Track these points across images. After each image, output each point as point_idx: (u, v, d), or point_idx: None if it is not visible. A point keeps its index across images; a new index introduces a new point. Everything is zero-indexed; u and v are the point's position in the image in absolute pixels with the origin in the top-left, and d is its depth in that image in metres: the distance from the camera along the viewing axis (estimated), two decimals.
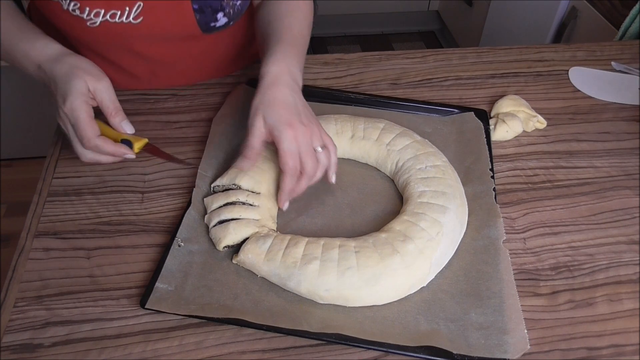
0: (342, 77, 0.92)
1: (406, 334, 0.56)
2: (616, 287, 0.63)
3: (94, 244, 0.65)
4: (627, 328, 0.59)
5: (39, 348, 0.55)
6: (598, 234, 0.68)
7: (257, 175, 0.67)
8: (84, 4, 0.69)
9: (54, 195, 0.70)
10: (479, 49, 0.99)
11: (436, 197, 0.66)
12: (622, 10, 1.37)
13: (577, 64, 0.96)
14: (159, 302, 0.57)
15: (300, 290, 0.58)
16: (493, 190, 0.70)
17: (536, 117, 0.82)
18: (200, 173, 0.70)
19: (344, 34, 2.70)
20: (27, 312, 0.58)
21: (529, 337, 0.56)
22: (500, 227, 0.66)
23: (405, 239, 0.61)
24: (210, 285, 0.60)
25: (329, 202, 0.70)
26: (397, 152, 0.72)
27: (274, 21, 0.75)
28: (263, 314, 0.57)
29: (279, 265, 0.59)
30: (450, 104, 0.85)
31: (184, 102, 0.85)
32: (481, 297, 0.59)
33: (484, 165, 0.73)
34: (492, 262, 0.62)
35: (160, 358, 0.55)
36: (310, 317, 0.57)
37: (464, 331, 0.57)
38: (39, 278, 0.61)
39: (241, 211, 0.64)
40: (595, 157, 0.79)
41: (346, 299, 0.58)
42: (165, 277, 0.59)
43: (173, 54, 0.82)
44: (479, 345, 0.55)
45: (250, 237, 0.62)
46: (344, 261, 0.59)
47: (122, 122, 0.67)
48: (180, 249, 0.62)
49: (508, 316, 0.57)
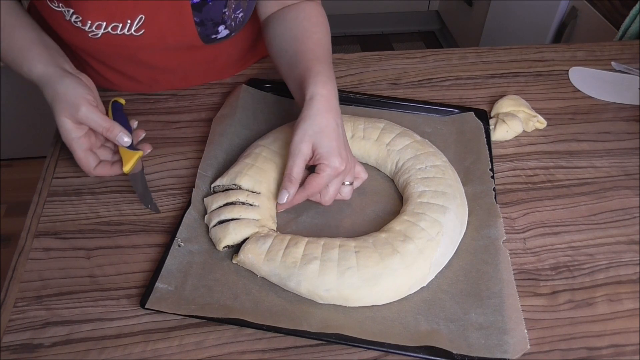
0: (342, 77, 0.92)
1: (406, 334, 0.56)
2: (616, 287, 0.63)
3: (94, 244, 0.65)
4: (627, 328, 0.59)
5: (39, 348, 0.55)
6: (598, 234, 0.68)
7: (257, 175, 0.67)
8: (86, 18, 0.69)
9: (54, 195, 0.70)
10: (479, 49, 0.99)
11: (436, 197, 0.66)
12: (622, 10, 1.37)
13: (577, 64, 0.96)
14: (159, 302, 0.57)
15: (300, 290, 0.58)
16: (493, 190, 0.70)
17: (536, 117, 0.82)
18: (200, 173, 0.70)
19: (344, 34, 2.70)
20: (27, 312, 0.58)
21: (529, 337, 0.56)
22: (500, 227, 0.66)
23: (405, 239, 0.61)
24: (210, 285, 0.60)
25: None
26: (397, 152, 0.72)
27: (303, 37, 0.72)
28: (263, 314, 0.57)
29: (278, 265, 0.59)
30: (450, 104, 0.85)
31: (184, 102, 0.86)
32: (481, 297, 0.59)
33: (484, 165, 0.73)
34: (492, 262, 0.62)
35: (160, 358, 0.55)
36: (310, 317, 0.57)
37: (464, 331, 0.56)
38: (39, 278, 0.61)
39: (241, 211, 0.64)
40: (595, 157, 0.79)
41: (346, 299, 0.58)
42: (165, 277, 0.59)
43: (175, 61, 0.82)
44: (479, 345, 0.55)
45: (250, 237, 0.62)
46: (344, 261, 0.59)
47: (117, 135, 0.68)
48: (180, 249, 0.62)
49: (508, 316, 0.57)
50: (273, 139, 0.72)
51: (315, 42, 0.71)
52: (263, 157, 0.69)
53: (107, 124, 0.67)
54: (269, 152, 0.70)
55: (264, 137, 0.73)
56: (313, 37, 0.72)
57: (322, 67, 0.66)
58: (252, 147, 0.72)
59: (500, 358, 0.54)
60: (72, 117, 0.65)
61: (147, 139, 0.74)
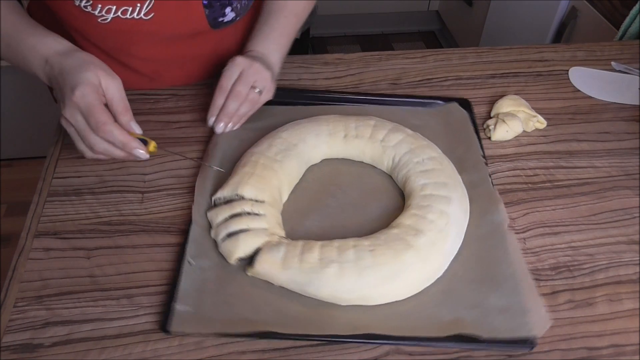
0: (342, 77, 0.92)
1: (432, 325, 0.57)
2: (616, 287, 0.63)
3: (94, 244, 0.65)
4: (627, 328, 0.59)
5: (39, 348, 0.55)
6: (598, 234, 0.68)
7: (259, 184, 0.66)
8: (97, 1, 0.70)
9: (54, 195, 0.70)
10: (479, 49, 0.99)
11: (438, 189, 0.67)
12: (622, 10, 1.37)
13: (577, 64, 0.96)
14: (182, 324, 0.56)
15: (322, 295, 0.58)
16: (489, 177, 0.71)
17: (536, 117, 0.82)
18: (198, 187, 0.69)
19: (344, 34, 2.70)
20: (27, 312, 0.58)
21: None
22: (502, 212, 0.67)
23: (416, 232, 0.62)
24: (229, 300, 0.59)
25: (331, 203, 0.70)
26: (393, 148, 0.73)
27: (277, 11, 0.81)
28: (289, 323, 0.57)
29: (296, 272, 0.58)
30: (431, 95, 0.86)
31: (184, 102, 0.86)
32: (496, 281, 0.61)
33: (476, 154, 0.75)
34: (500, 246, 0.64)
35: (160, 358, 0.55)
36: (336, 321, 0.57)
37: (486, 316, 0.58)
38: (39, 278, 0.61)
39: (248, 221, 0.63)
40: (595, 157, 0.79)
41: (367, 298, 0.59)
42: (183, 298, 0.58)
43: (179, 53, 0.83)
44: (503, 327, 0.57)
45: (263, 247, 0.61)
46: (361, 261, 0.59)
47: (131, 121, 0.66)
48: (192, 267, 0.61)
49: (526, 296, 0.59)
50: (268, 145, 0.72)
51: (279, 6, 0.82)
52: (261, 164, 0.69)
53: (127, 104, 0.66)
54: (266, 159, 0.69)
55: (258, 145, 0.73)
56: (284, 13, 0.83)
57: (265, 29, 0.81)
58: (248, 155, 0.71)
59: (527, 336, 0.56)
60: (103, 79, 0.64)
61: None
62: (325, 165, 0.76)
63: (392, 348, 0.56)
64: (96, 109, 0.62)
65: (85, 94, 0.62)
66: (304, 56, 0.96)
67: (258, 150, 0.71)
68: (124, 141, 0.63)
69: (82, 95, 0.62)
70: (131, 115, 0.66)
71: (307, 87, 0.89)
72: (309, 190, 0.72)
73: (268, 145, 0.72)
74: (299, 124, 0.76)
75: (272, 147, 0.71)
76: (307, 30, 2.01)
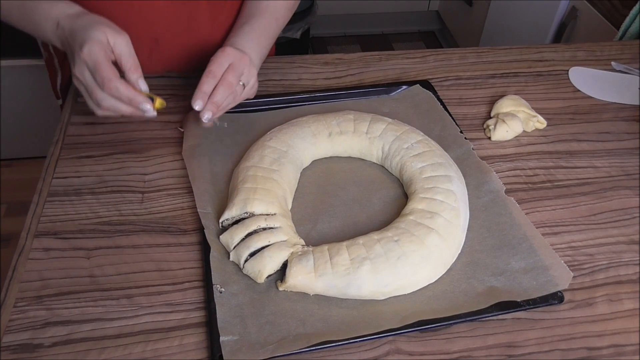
0: (342, 77, 0.92)
1: (471, 300, 0.59)
2: (616, 287, 0.63)
3: (94, 244, 0.65)
4: (627, 328, 0.59)
5: (39, 348, 0.55)
6: (598, 234, 0.68)
7: (266, 197, 0.65)
8: None
9: (54, 195, 0.70)
10: (479, 49, 0.99)
11: (436, 169, 0.69)
12: (622, 10, 1.38)
13: (577, 64, 0.96)
14: (235, 354, 0.54)
15: (362, 294, 0.59)
16: (472, 150, 0.74)
17: (536, 117, 0.82)
18: (202, 212, 0.67)
19: (344, 34, 2.70)
20: (27, 312, 0.58)
21: (529, 337, 0.56)
22: (496, 180, 0.71)
23: (432, 215, 0.63)
24: (272, 320, 0.57)
25: (335, 203, 0.70)
26: (379, 138, 0.74)
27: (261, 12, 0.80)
28: (339, 328, 0.56)
29: (332, 277, 0.58)
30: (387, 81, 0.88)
31: (184, 102, 0.85)
32: (512, 246, 0.64)
33: (454, 130, 0.78)
34: (505, 213, 0.67)
35: (160, 358, 0.55)
36: (383, 316, 0.58)
37: (514, 280, 0.61)
38: (39, 278, 0.61)
39: (268, 237, 0.61)
40: (595, 157, 0.79)
41: (405, 287, 0.60)
42: (225, 328, 0.56)
43: (180, 17, 0.83)
44: (532, 287, 0.60)
45: (290, 260, 0.60)
46: (390, 253, 0.60)
47: (140, 79, 0.66)
48: (223, 295, 0.59)
49: (543, 254, 0.63)
50: (259, 157, 0.70)
51: (262, 8, 0.82)
52: (261, 177, 0.67)
53: (136, 61, 0.66)
54: (263, 171, 0.68)
55: (248, 159, 0.71)
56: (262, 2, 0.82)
57: (244, 30, 0.79)
58: (242, 171, 0.69)
59: (556, 292, 0.59)
60: (111, 37, 0.64)
61: (147, 139, 0.73)
62: (316, 166, 0.76)
63: (392, 348, 0.56)
64: (102, 66, 0.63)
65: (92, 51, 0.63)
66: (304, 56, 0.96)
67: (251, 163, 0.69)
68: (130, 96, 0.64)
69: (89, 52, 0.63)
70: (140, 73, 0.67)
71: (306, 88, 0.89)
72: (308, 194, 0.72)
73: (260, 157, 0.70)
74: (281, 130, 0.75)
75: (264, 158, 0.70)
76: (307, 30, 2.01)
